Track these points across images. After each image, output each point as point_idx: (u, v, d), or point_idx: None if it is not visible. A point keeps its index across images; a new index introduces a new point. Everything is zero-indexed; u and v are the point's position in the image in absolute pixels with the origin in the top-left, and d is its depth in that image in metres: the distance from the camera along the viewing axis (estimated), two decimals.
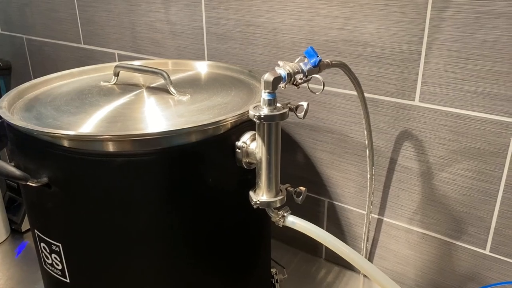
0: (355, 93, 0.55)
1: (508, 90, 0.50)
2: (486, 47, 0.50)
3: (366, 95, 0.60)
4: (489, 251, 0.58)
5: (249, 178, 0.46)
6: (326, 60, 0.47)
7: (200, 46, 0.74)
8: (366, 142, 0.58)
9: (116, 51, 0.87)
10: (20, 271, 0.71)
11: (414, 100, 0.57)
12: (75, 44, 0.93)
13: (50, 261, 0.48)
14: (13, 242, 0.77)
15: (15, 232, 0.79)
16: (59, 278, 0.48)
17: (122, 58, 0.86)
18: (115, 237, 0.44)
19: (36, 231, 0.49)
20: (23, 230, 0.79)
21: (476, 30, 0.50)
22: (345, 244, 0.43)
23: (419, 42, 0.54)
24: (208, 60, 0.73)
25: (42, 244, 0.48)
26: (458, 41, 0.51)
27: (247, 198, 0.46)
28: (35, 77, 0.57)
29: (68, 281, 0.47)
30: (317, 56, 0.43)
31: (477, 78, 0.52)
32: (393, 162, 0.61)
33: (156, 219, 0.44)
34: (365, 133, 0.57)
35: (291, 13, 0.62)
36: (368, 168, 0.61)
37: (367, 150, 0.59)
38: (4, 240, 0.77)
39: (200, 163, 0.44)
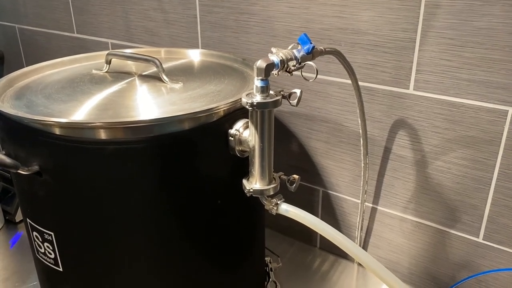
0: (350, 81, 0.55)
1: (503, 77, 0.50)
2: (481, 35, 0.50)
3: (361, 83, 0.59)
4: (483, 239, 0.58)
5: (242, 166, 0.46)
6: (320, 47, 0.46)
7: (194, 35, 0.73)
8: (360, 131, 0.58)
9: (109, 40, 0.86)
10: (15, 262, 0.70)
11: (408, 89, 0.56)
12: (68, 34, 0.92)
13: (42, 250, 0.48)
14: (7, 233, 0.77)
15: (9, 222, 0.79)
16: (52, 267, 0.48)
17: (115, 47, 0.86)
18: (107, 226, 0.44)
19: (28, 220, 0.48)
20: (17, 221, 0.78)
21: (472, 17, 0.50)
22: (338, 231, 0.43)
23: (414, 29, 0.53)
24: (202, 48, 0.73)
25: (35, 233, 0.48)
26: (453, 29, 0.51)
27: (241, 186, 0.46)
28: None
29: (61, 269, 0.47)
30: (311, 43, 0.43)
31: (472, 66, 0.51)
32: (387, 151, 0.61)
33: (148, 207, 0.44)
34: (359, 122, 0.57)
35: (286, 1, 0.61)
36: (362, 157, 0.60)
37: (361, 139, 0.59)
38: None
39: (193, 151, 0.43)
